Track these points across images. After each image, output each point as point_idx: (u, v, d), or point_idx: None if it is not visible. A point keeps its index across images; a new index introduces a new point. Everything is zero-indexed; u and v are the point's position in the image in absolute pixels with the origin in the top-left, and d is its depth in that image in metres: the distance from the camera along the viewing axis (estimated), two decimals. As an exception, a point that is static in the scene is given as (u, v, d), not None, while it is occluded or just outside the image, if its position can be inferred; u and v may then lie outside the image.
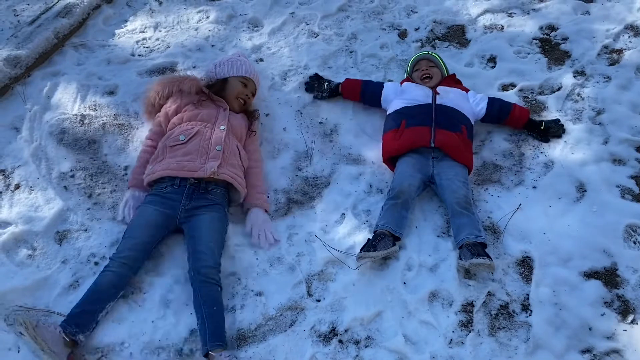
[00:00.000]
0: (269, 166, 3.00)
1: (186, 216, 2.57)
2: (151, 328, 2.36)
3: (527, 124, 3.07)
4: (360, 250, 2.51)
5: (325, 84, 3.28)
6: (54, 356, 2.11)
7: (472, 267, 2.46)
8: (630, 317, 2.41)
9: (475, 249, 2.47)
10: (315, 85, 3.30)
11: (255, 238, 2.67)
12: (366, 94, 3.18)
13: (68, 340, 2.19)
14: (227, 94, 2.94)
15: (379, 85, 3.18)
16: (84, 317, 2.27)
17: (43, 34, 3.35)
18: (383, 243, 2.51)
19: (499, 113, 3.05)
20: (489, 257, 2.45)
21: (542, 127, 3.06)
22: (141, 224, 2.52)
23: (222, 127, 2.77)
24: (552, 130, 3.07)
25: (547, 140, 3.06)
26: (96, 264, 2.56)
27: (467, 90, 3.17)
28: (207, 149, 2.68)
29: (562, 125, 3.10)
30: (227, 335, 2.35)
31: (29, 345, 2.13)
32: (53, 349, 2.12)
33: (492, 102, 3.08)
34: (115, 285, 2.36)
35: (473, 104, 3.07)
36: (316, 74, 3.36)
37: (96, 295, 2.33)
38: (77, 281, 2.49)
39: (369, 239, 2.56)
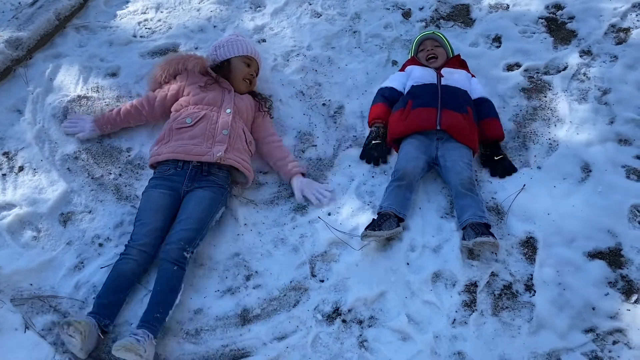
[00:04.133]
0: (272, 147, 2.99)
1: (185, 195, 2.59)
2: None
3: (490, 144, 2.90)
4: (365, 229, 2.51)
5: (373, 143, 2.91)
6: (84, 352, 2.19)
7: (476, 246, 2.46)
8: (634, 297, 2.41)
9: (479, 229, 2.47)
10: (375, 154, 2.91)
11: (315, 200, 2.72)
12: (393, 104, 3.01)
13: (102, 334, 2.24)
14: (233, 76, 2.92)
15: (391, 89, 3.05)
16: (113, 308, 2.31)
17: (44, 16, 3.32)
18: (387, 223, 2.51)
19: (481, 109, 2.96)
20: (493, 236, 2.45)
21: (497, 158, 2.85)
22: (152, 208, 2.53)
23: (228, 110, 2.76)
24: (502, 169, 2.82)
25: (485, 166, 2.87)
26: (101, 245, 2.57)
27: (473, 76, 3.14)
28: (214, 132, 2.67)
29: (511, 171, 2.81)
30: (233, 313, 2.36)
31: (71, 345, 2.16)
32: (90, 349, 2.21)
33: (485, 99, 3.00)
34: (135, 273, 2.39)
35: (472, 88, 3.04)
36: (365, 149, 2.95)
37: (120, 284, 2.35)
38: (82, 262, 2.51)
39: (373, 219, 2.56)
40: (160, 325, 2.26)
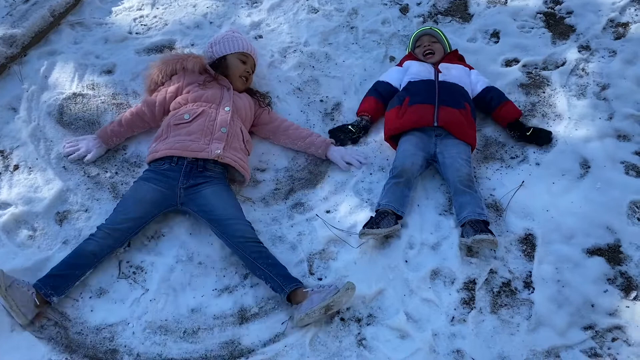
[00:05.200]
0: (269, 145, 2.98)
1: (187, 195, 2.55)
2: (153, 308, 2.37)
3: (514, 124, 2.95)
4: (363, 227, 2.49)
5: (348, 127, 2.99)
6: (21, 315, 2.17)
7: (475, 243, 2.45)
8: (633, 294, 2.41)
9: (477, 226, 2.46)
10: (341, 136, 2.99)
11: (358, 164, 2.86)
12: (387, 100, 3.02)
13: (39, 301, 2.22)
14: (230, 73, 2.90)
15: (386, 84, 3.05)
16: (62, 281, 2.30)
17: (39, 12, 3.29)
18: (386, 221, 2.50)
19: (491, 99, 2.98)
20: (492, 233, 2.44)
21: (529, 133, 2.91)
22: (136, 199, 2.51)
23: (227, 109, 2.74)
24: (539, 139, 2.90)
25: (529, 142, 2.91)
26: (97, 244, 2.55)
27: (471, 68, 3.13)
28: (212, 129, 2.65)
29: (551, 136, 2.91)
30: (231, 312, 2.36)
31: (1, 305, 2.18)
32: (21, 309, 2.17)
33: (491, 88, 3.02)
34: (96, 255, 2.37)
35: (473, 81, 3.03)
36: (333, 129, 3.03)
37: (77, 261, 2.34)
38: (79, 261, 2.49)
39: (371, 217, 2.55)
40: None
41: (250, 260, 2.38)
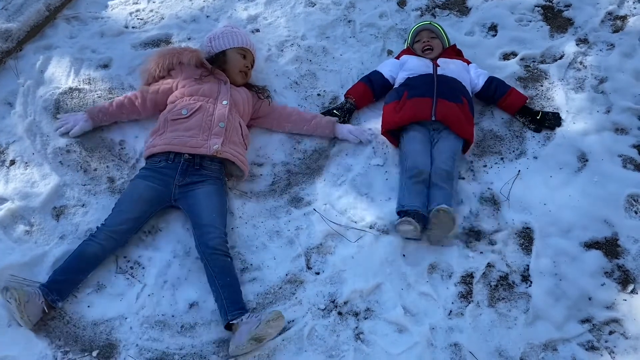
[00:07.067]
0: (266, 139, 2.97)
1: (180, 192, 2.55)
2: (151, 302, 2.37)
3: (522, 110, 2.97)
4: (403, 221, 2.47)
5: (333, 111, 3.00)
6: (28, 322, 2.19)
7: (433, 217, 2.44)
8: (630, 287, 2.41)
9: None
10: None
11: (367, 141, 2.91)
12: (377, 91, 3.05)
13: (47, 307, 2.24)
14: (229, 68, 2.89)
15: (378, 74, 3.06)
16: (66, 285, 2.31)
17: (34, 6, 3.27)
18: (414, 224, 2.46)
19: (494, 91, 2.99)
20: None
21: (539, 117, 2.95)
22: (133, 198, 2.50)
23: (224, 102, 2.73)
24: (549, 122, 2.95)
25: (538, 131, 2.94)
26: (94, 239, 2.55)
27: (469, 63, 3.12)
28: (210, 125, 2.64)
29: (561, 118, 2.97)
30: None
31: (12, 312, 2.19)
32: (31, 318, 2.20)
33: (492, 79, 3.02)
34: (98, 257, 2.37)
35: (473, 76, 3.03)
36: (320, 113, 3.04)
37: (81, 265, 2.34)
38: (76, 257, 2.49)
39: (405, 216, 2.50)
40: (246, 307, 2.30)
41: (211, 273, 2.35)
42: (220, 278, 2.33)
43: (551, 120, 2.95)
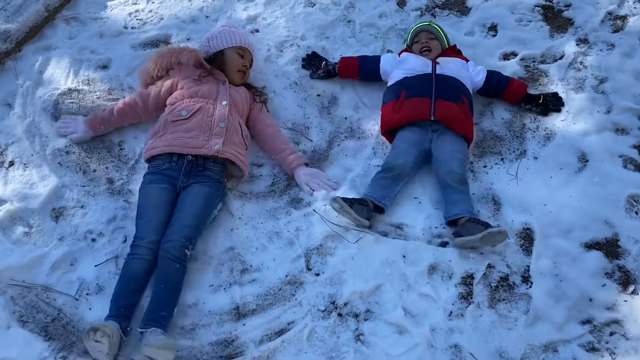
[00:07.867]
0: (266, 140, 2.96)
1: (182, 190, 2.56)
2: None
3: (525, 98, 3.01)
4: (341, 197, 2.52)
5: (323, 63, 3.18)
6: (113, 357, 2.16)
7: (485, 240, 2.42)
8: (631, 288, 2.41)
9: (480, 222, 2.47)
10: (314, 63, 3.20)
11: (319, 189, 2.71)
12: (364, 70, 3.10)
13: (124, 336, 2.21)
14: (227, 67, 2.88)
15: (376, 59, 3.10)
16: (132, 310, 2.29)
17: (33, 7, 3.27)
18: (359, 210, 2.51)
19: (496, 85, 3.00)
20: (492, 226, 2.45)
21: (541, 101, 3.00)
22: (153, 204, 2.49)
23: (224, 102, 2.72)
24: (551, 104, 3.01)
25: (545, 114, 2.99)
26: (93, 240, 2.55)
27: (467, 60, 3.12)
28: (211, 125, 2.64)
29: (561, 98, 3.04)
30: (228, 308, 2.34)
31: (96, 350, 2.10)
32: (116, 350, 2.16)
33: (491, 74, 3.03)
34: (148, 272, 2.37)
35: (472, 74, 3.02)
36: (314, 52, 3.26)
37: (136, 286, 2.33)
38: (75, 258, 2.48)
39: (353, 198, 2.57)
40: (167, 324, 2.23)
41: (157, 275, 2.34)
42: (157, 283, 2.31)
43: (554, 102, 3.01)
